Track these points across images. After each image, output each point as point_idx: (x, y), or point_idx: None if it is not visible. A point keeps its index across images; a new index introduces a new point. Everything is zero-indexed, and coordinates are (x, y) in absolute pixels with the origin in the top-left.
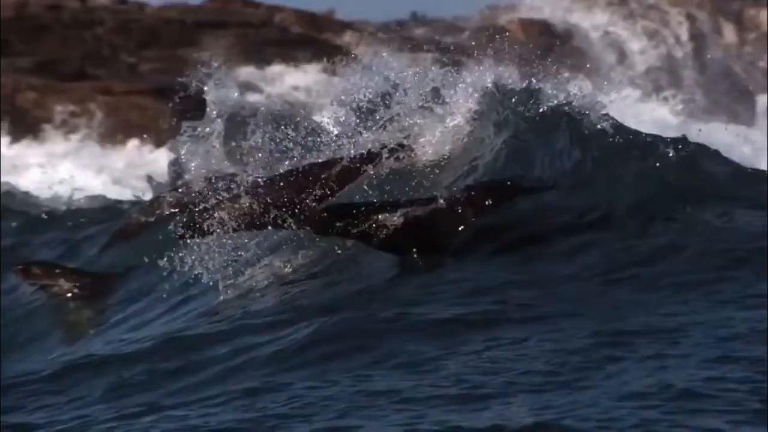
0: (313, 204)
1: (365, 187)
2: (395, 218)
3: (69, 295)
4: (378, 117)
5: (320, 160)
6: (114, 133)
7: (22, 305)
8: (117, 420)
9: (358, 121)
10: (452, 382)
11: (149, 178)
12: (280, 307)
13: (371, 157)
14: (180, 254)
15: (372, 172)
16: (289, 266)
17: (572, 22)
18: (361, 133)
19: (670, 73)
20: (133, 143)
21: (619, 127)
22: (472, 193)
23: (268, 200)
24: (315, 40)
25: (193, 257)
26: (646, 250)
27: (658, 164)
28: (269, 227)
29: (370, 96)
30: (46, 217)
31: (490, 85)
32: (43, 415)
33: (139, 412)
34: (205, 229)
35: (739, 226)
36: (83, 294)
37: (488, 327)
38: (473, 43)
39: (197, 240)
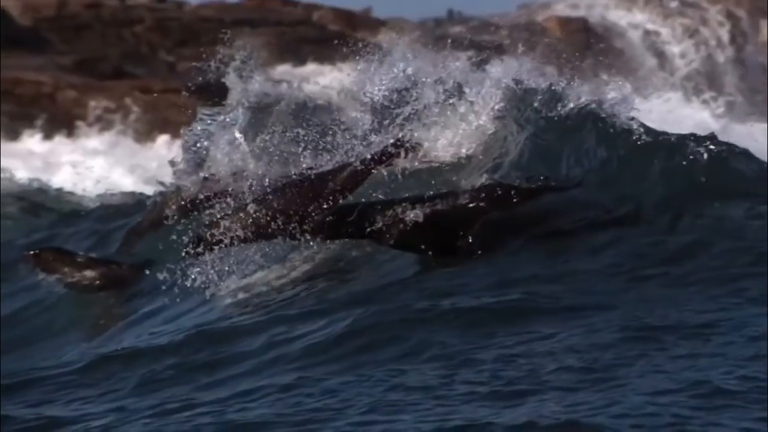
0: (322, 210)
1: (386, 185)
2: (412, 215)
3: (88, 284)
4: (400, 113)
5: (328, 167)
6: (150, 131)
7: (50, 296)
8: (150, 414)
9: (380, 117)
10: (485, 378)
11: (173, 169)
12: (312, 300)
13: (377, 159)
14: None
15: (383, 172)
16: (318, 259)
17: (610, 20)
18: (379, 130)
19: (711, 74)
20: (168, 141)
21: (647, 126)
22: (494, 191)
23: (276, 210)
24: (351, 39)
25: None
26: (674, 247)
27: (686, 162)
28: (277, 237)
29: (394, 93)
30: (77, 213)
31: (515, 82)
32: (76, 408)
33: (172, 406)
34: (213, 243)
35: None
36: (105, 284)
37: (519, 320)
38: (508, 41)
39: (206, 254)
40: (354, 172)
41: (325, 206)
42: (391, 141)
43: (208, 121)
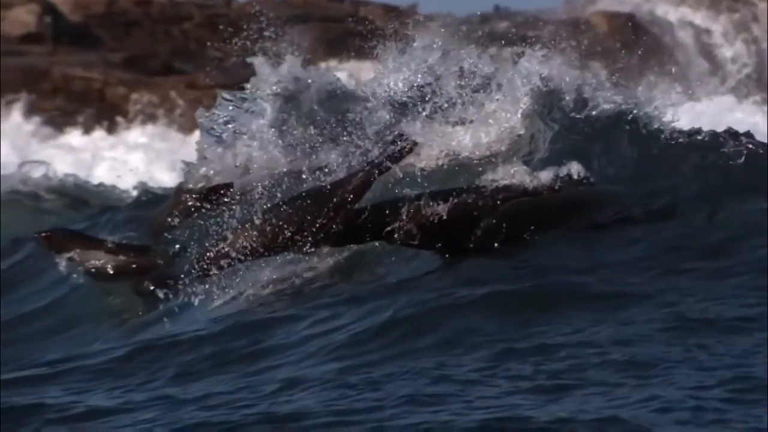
0: (334, 220)
1: (403, 183)
2: (435, 212)
3: (103, 268)
4: (426, 108)
5: (336, 177)
6: (194, 127)
7: (87, 286)
8: (192, 403)
9: (405, 113)
10: (526, 370)
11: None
12: (350, 290)
13: (382, 163)
14: None
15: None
16: (352, 249)
17: (658, 15)
18: (404, 126)
19: (762, 74)
20: None
21: (681, 124)
22: (521, 187)
23: (284, 224)
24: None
25: None
26: (709, 242)
27: (721, 160)
28: (288, 250)
29: (421, 88)
30: (116, 207)
31: (552, 79)
32: (118, 396)
33: (213, 396)
34: (221, 266)
35: None
36: (123, 269)
37: (557, 310)
38: (553, 37)
39: (214, 275)
40: (362, 179)
41: (335, 216)
42: (390, 143)
43: (230, 107)
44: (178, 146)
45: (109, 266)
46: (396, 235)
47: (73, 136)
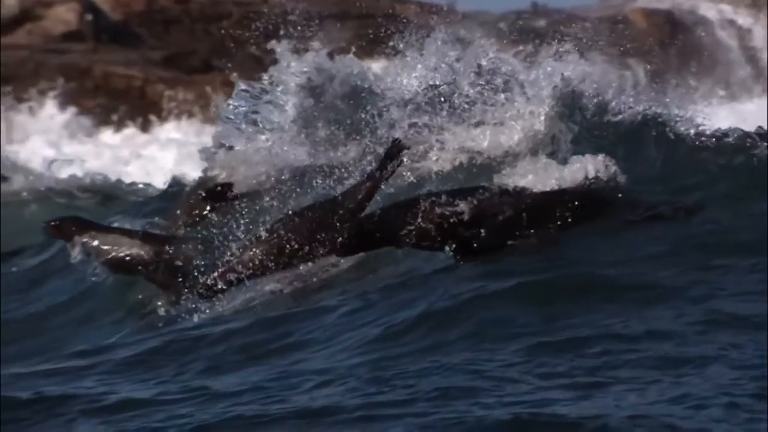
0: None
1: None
2: (453, 211)
3: (114, 255)
4: (452, 106)
5: (342, 189)
6: None
7: (114, 279)
8: (223, 396)
9: (425, 112)
10: (559, 366)
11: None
12: (383, 282)
13: (384, 171)
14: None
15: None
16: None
17: (696, 12)
18: (420, 125)
19: None
20: None
21: (713, 124)
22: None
23: (291, 239)
24: (426, 31)
25: None
26: (738, 240)
27: (751, 159)
28: (296, 264)
29: (441, 86)
30: (147, 204)
31: (567, 81)
32: (151, 387)
33: (244, 390)
34: (228, 284)
35: None
36: (136, 258)
37: (589, 304)
38: (591, 34)
39: (220, 295)
40: (367, 190)
41: (341, 227)
42: (387, 150)
43: (248, 97)
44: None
45: (122, 254)
46: (415, 238)
47: (110, 134)
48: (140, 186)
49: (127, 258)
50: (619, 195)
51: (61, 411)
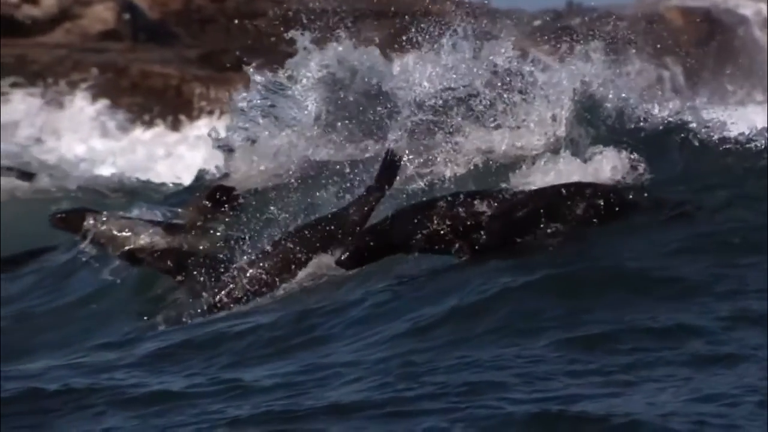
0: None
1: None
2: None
3: (133, 247)
4: (473, 107)
5: (343, 206)
6: None
7: (140, 271)
8: (252, 391)
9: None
10: (587, 361)
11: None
12: (410, 276)
13: (382, 185)
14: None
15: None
16: None
17: (734, 11)
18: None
19: None
20: None
21: (741, 126)
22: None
23: (295, 255)
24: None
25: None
26: (762, 239)
27: None
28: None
29: (470, 86)
30: (167, 200)
31: (587, 83)
32: (184, 378)
33: (274, 384)
34: (236, 300)
35: None
36: (148, 247)
37: (618, 298)
38: (627, 33)
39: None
40: (369, 203)
41: (346, 240)
42: (383, 162)
43: (263, 91)
44: None
45: (131, 242)
46: (429, 242)
47: (141, 132)
48: (170, 185)
49: (136, 246)
50: (645, 193)
51: (89, 403)
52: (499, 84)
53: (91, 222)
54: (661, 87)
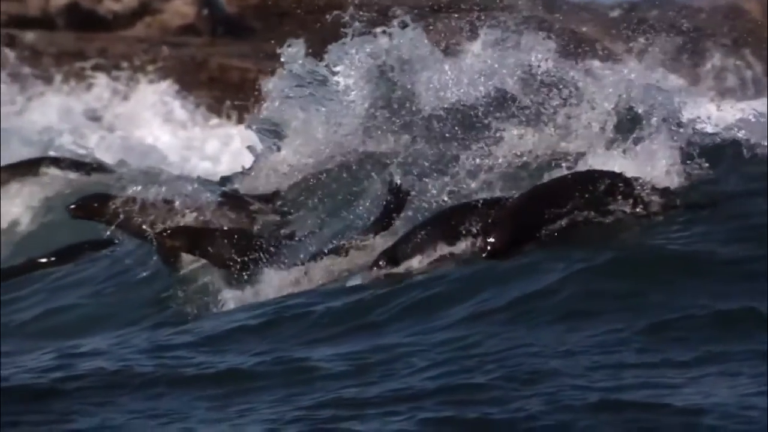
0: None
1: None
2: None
3: (143, 224)
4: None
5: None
6: None
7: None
8: (317, 377)
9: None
10: (649, 349)
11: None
12: (472, 262)
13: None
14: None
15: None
16: None
17: None
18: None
19: None
20: None
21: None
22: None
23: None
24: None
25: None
26: None
27: None
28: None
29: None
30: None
31: (630, 89)
32: (248, 359)
33: (340, 371)
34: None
35: None
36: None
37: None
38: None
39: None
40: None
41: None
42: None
43: (292, 80)
44: None
45: (148, 222)
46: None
47: (221, 125)
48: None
49: (148, 225)
50: (699, 185)
51: (153, 382)
52: (547, 85)
53: (108, 211)
54: (742, 83)
